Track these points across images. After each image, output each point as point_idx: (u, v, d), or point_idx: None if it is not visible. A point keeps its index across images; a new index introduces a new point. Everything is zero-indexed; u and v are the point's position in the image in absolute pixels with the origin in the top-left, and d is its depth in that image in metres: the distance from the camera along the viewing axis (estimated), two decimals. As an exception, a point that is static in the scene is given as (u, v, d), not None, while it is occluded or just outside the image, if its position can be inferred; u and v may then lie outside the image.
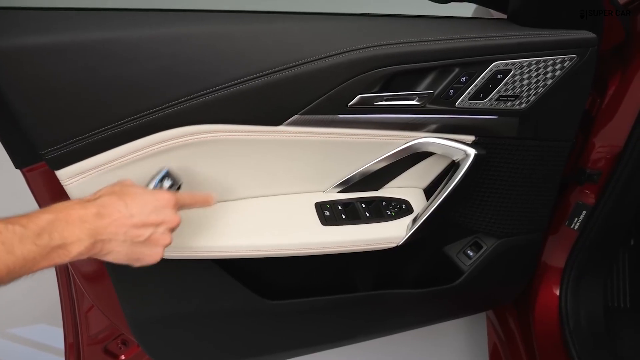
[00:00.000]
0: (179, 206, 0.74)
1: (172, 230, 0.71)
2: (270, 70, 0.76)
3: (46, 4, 0.75)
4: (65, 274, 1.14)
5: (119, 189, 0.68)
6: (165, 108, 0.75)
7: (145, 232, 0.67)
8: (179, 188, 0.80)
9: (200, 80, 0.75)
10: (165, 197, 0.71)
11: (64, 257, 0.59)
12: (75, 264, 1.00)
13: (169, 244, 0.71)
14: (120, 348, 1.25)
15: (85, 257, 0.62)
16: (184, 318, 1.00)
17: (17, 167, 0.84)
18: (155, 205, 0.69)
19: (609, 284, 1.35)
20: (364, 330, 1.20)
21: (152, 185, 0.77)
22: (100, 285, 1.00)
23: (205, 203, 0.80)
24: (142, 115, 0.74)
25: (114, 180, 0.77)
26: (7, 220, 0.55)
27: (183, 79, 0.75)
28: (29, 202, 0.96)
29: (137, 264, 0.70)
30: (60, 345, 1.27)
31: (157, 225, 0.68)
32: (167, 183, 0.78)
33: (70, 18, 0.74)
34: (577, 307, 1.22)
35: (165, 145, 0.78)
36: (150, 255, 0.70)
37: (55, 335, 1.76)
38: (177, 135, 0.77)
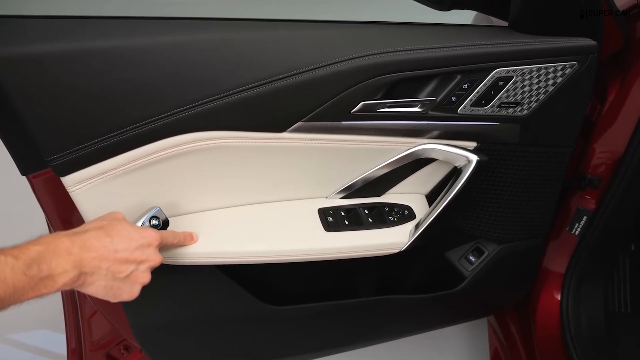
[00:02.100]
0: (163, 245, 0.76)
1: (152, 268, 0.73)
2: (274, 78, 0.77)
3: (53, 12, 0.76)
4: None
5: (107, 224, 0.69)
6: (169, 115, 0.75)
7: (128, 269, 0.69)
8: (165, 227, 0.82)
9: (205, 88, 0.76)
10: (151, 235, 0.73)
11: (50, 288, 0.60)
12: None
13: (147, 282, 0.73)
14: (123, 354, 1.25)
15: (69, 288, 0.64)
16: (188, 324, 1.00)
17: (22, 173, 0.84)
18: (141, 243, 0.71)
19: (609, 289, 1.35)
20: (366, 336, 1.20)
21: (140, 222, 0.78)
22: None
23: (186, 242, 0.84)
24: (147, 123, 0.75)
25: (118, 187, 0.78)
26: (0, 250, 0.57)
27: (187, 86, 0.75)
28: (32, 208, 0.96)
29: (113, 300, 0.71)
30: (62, 350, 1.27)
31: (139, 262, 0.70)
32: (154, 222, 0.80)
33: (77, 26, 0.75)
34: (578, 312, 1.22)
35: (170, 152, 0.78)
36: (127, 292, 0.71)
37: (56, 341, 1.76)
38: (182, 142, 0.78)
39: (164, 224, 0.81)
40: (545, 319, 1.24)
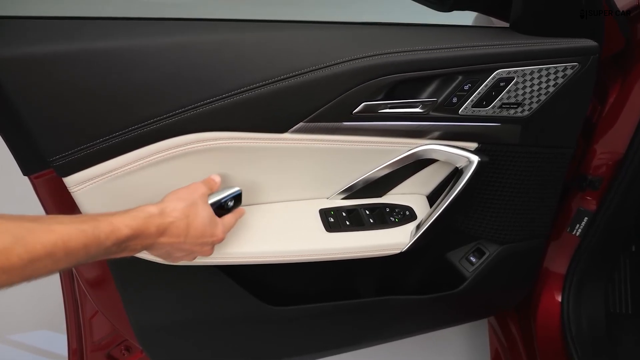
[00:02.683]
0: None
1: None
2: (275, 79, 0.77)
3: (55, 13, 0.76)
4: (70, 279, 1.15)
5: (192, 214, 0.73)
6: (171, 116, 0.75)
7: (181, 255, 0.76)
8: (233, 208, 0.85)
9: (207, 88, 0.76)
10: (218, 235, 0.78)
11: (113, 257, 0.66)
12: (80, 270, 1.00)
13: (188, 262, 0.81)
14: (124, 354, 1.25)
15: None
16: (189, 324, 1.00)
17: (25, 174, 0.84)
18: (207, 241, 0.76)
19: (610, 290, 1.35)
20: (367, 337, 1.20)
21: (218, 198, 0.81)
22: (105, 291, 1.01)
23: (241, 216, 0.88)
24: (149, 123, 0.75)
25: (120, 188, 0.78)
26: (95, 223, 0.61)
27: (189, 87, 0.75)
28: (34, 208, 0.96)
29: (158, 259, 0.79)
30: (62, 351, 1.27)
31: (193, 253, 0.77)
32: (230, 204, 0.83)
33: (78, 27, 0.75)
34: (579, 313, 1.22)
35: (172, 153, 0.78)
36: (169, 261, 0.79)
37: (57, 342, 1.76)
38: (184, 142, 0.78)
39: (235, 205, 0.85)
40: (545, 320, 1.24)
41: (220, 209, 0.81)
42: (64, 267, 0.58)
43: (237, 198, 0.84)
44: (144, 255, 0.84)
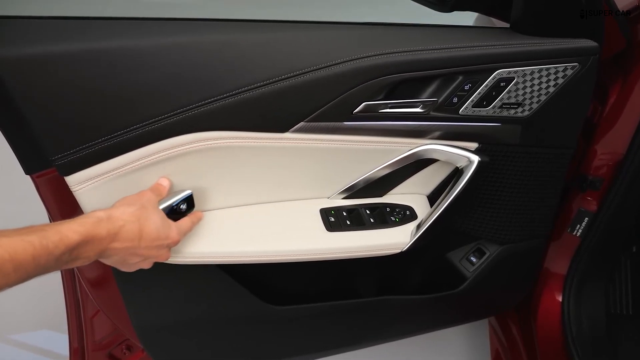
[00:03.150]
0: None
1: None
2: (276, 78, 0.78)
3: (56, 13, 0.77)
4: (71, 279, 1.15)
5: (143, 217, 0.72)
6: (173, 115, 0.76)
7: (137, 260, 0.74)
8: (187, 213, 0.84)
9: (208, 88, 0.76)
10: (173, 237, 0.77)
11: (69, 266, 0.65)
12: (81, 270, 1.01)
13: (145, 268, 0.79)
14: (125, 353, 1.25)
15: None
16: (190, 323, 1.00)
17: (27, 172, 0.84)
18: (162, 244, 0.75)
19: (611, 291, 1.35)
20: (367, 337, 1.20)
21: (169, 203, 0.80)
22: (107, 290, 1.01)
23: (198, 220, 0.87)
24: (151, 123, 0.75)
25: (122, 187, 0.79)
26: (42, 234, 0.59)
27: (191, 87, 0.76)
28: (35, 207, 0.97)
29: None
30: (63, 351, 1.27)
31: (149, 257, 0.76)
32: (183, 207, 0.83)
33: (80, 27, 0.76)
34: (580, 313, 1.22)
35: (173, 152, 0.79)
36: (126, 269, 0.77)
37: (58, 341, 1.76)
38: (185, 142, 0.78)
39: (189, 210, 0.84)
40: (546, 320, 1.24)
41: (173, 213, 0.81)
42: (14, 281, 0.57)
43: (189, 201, 0.84)
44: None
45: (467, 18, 1.17)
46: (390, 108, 0.85)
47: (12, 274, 0.55)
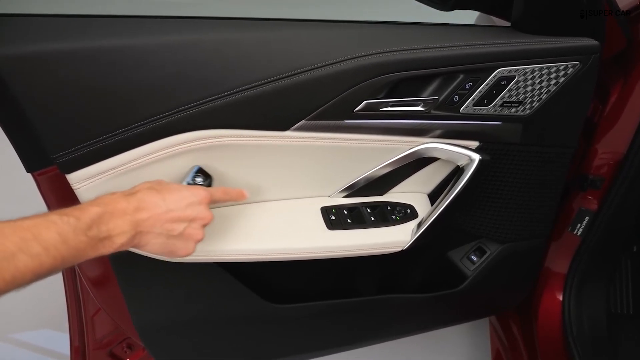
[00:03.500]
0: (213, 202, 0.77)
1: (204, 225, 0.74)
2: (277, 77, 0.78)
3: (58, 11, 0.77)
4: (72, 278, 1.15)
5: (156, 184, 0.71)
6: (174, 113, 0.76)
7: (180, 227, 0.70)
8: (209, 184, 0.83)
9: (209, 86, 0.76)
10: (201, 193, 0.74)
11: (109, 248, 0.63)
12: (82, 268, 1.01)
13: (201, 239, 0.74)
14: (126, 352, 1.25)
15: (126, 248, 0.66)
16: (191, 322, 1.00)
17: (28, 170, 0.85)
18: (191, 201, 0.72)
19: (611, 290, 1.35)
20: (367, 335, 1.20)
21: (185, 182, 0.80)
22: (108, 289, 1.01)
23: (238, 198, 0.83)
24: (152, 120, 0.75)
25: (123, 184, 0.79)
26: (62, 211, 0.58)
27: (192, 85, 0.76)
28: (36, 205, 0.97)
29: (170, 257, 0.74)
30: (64, 350, 1.28)
31: (191, 220, 0.72)
32: (199, 179, 0.81)
33: (82, 25, 0.76)
34: (580, 313, 1.22)
35: (174, 150, 0.79)
36: (182, 249, 0.73)
37: (59, 340, 1.77)
38: (186, 140, 0.78)
39: (209, 181, 0.83)
40: (547, 320, 1.24)
41: None
42: (50, 265, 0.55)
43: (203, 173, 0.82)
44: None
45: (468, 17, 1.17)
46: (391, 106, 0.85)
47: (43, 255, 0.54)
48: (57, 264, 0.56)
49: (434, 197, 1.02)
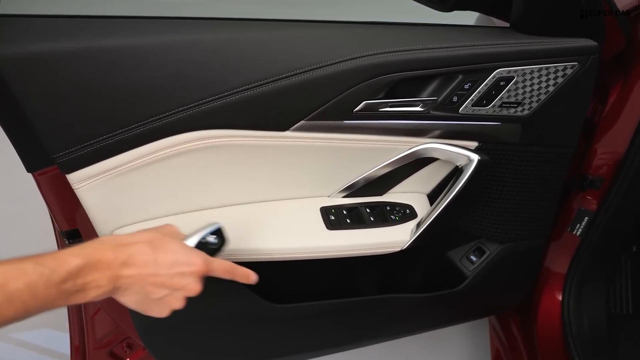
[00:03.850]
0: (209, 275, 0.71)
1: (187, 296, 0.70)
2: (277, 77, 0.78)
3: (58, 12, 0.77)
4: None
5: (157, 239, 0.66)
6: (174, 114, 0.76)
7: (161, 292, 0.66)
8: (220, 248, 0.77)
9: (208, 87, 0.76)
10: (198, 264, 0.68)
11: (81, 300, 0.59)
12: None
13: (179, 308, 0.70)
14: (126, 351, 1.25)
15: (98, 299, 0.62)
16: (191, 321, 1.00)
17: (28, 170, 0.85)
18: (183, 270, 0.66)
19: (611, 290, 1.35)
20: (367, 335, 1.20)
21: (195, 238, 0.73)
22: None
23: (242, 280, 0.76)
24: (152, 121, 0.76)
25: (123, 184, 0.79)
26: (38, 260, 0.55)
27: (191, 86, 0.76)
28: (36, 205, 0.97)
29: (142, 312, 0.69)
30: (65, 349, 1.28)
31: (175, 289, 0.67)
32: (211, 239, 0.75)
33: (82, 25, 0.76)
34: (580, 313, 1.22)
35: (174, 150, 0.79)
36: (156, 312, 0.69)
37: (59, 340, 1.77)
38: (185, 140, 0.78)
39: (221, 244, 0.77)
40: (546, 320, 1.24)
41: (202, 249, 0.73)
42: (11, 315, 0.52)
43: (219, 234, 0.76)
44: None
45: (468, 17, 1.17)
46: (391, 107, 0.85)
47: (4, 306, 0.51)
48: (20, 315, 0.53)
49: (433, 197, 1.03)
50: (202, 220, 0.88)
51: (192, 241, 0.73)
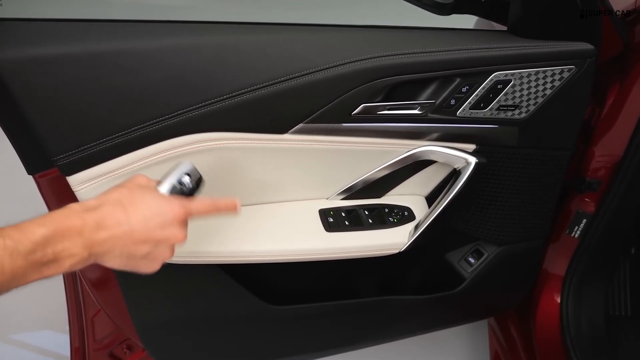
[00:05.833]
0: (193, 217, 0.68)
1: (174, 245, 0.66)
2: (276, 80, 0.78)
3: (58, 16, 0.78)
4: (72, 279, 1.16)
5: (127, 196, 0.62)
6: (173, 116, 0.76)
7: (144, 248, 0.62)
8: (197, 188, 0.73)
9: (208, 90, 0.77)
10: (175, 210, 0.64)
11: (56, 271, 0.56)
12: (82, 269, 1.01)
13: (169, 258, 0.67)
14: (126, 353, 1.26)
15: (79, 268, 0.59)
16: (191, 323, 1.01)
17: (29, 173, 0.85)
18: (162, 220, 0.63)
19: (609, 292, 1.35)
20: (365, 337, 1.21)
21: (168, 183, 0.69)
22: (108, 290, 1.02)
23: (228, 210, 0.72)
24: (152, 124, 0.76)
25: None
26: (1, 234, 0.52)
27: (191, 88, 0.77)
28: (37, 207, 0.98)
29: (132, 271, 0.66)
30: (65, 351, 1.28)
31: (158, 242, 0.63)
32: (186, 181, 0.70)
33: (82, 29, 0.77)
34: (579, 315, 1.22)
35: (174, 153, 0.79)
36: (145, 268, 0.66)
37: (59, 341, 1.77)
38: (185, 142, 0.79)
39: (196, 185, 0.72)
40: (545, 321, 1.25)
41: (179, 193, 0.69)
42: None
43: (192, 174, 0.71)
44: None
45: (467, 21, 1.18)
46: (389, 110, 0.86)
47: None
48: None
49: (431, 199, 1.03)
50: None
51: (165, 187, 0.68)
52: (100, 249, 0.59)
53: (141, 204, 0.62)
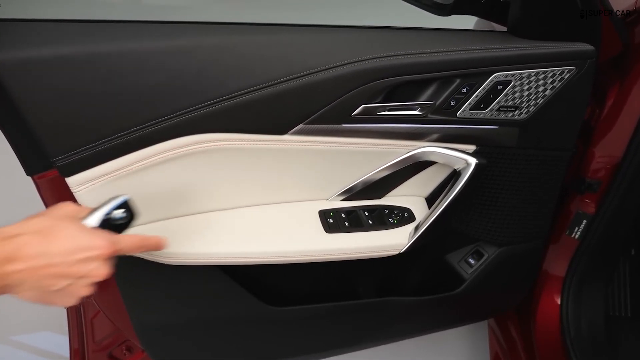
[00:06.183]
0: (120, 254, 0.65)
1: (95, 282, 0.62)
2: (275, 81, 0.78)
3: (58, 17, 0.78)
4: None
5: (48, 226, 0.59)
6: (172, 117, 0.76)
7: (61, 283, 0.59)
8: (129, 223, 0.70)
9: (207, 91, 0.77)
10: (100, 245, 0.61)
11: None
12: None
13: (88, 294, 0.62)
14: (125, 354, 1.25)
15: None
16: (190, 324, 1.01)
17: (28, 173, 0.85)
18: (85, 255, 0.59)
19: (609, 293, 1.35)
20: (366, 338, 1.21)
21: (98, 215, 0.66)
22: (108, 291, 1.01)
23: (154, 248, 0.72)
24: (151, 124, 0.76)
25: (122, 188, 0.79)
26: None
27: (190, 89, 0.76)
28: (36, 208, 0.97)
29: (46, 305, 0.62)
30: (64, 352, 1.28)
31: (77, 277, 0.59)
32: (118, 214, 0.68)
33: (80, 30, 0.77)
34: (578, 316, 1.22)
35: (173, 154, 0.79)
36: (61, 303, 0.62)
37: (59, 343, 1.77)
38: (184, 143, 0.79)
39: (130, 218, 0.70)
40: (545, 322, 1.25)
41: (109, 227, 0.66)
42: None
43: (127, 207, 0.68)
44: (145, 255, 0.85)
45: (467, 21, 1.18)
46: (389, 110, 0.85)
47: None
48: None
49: (431, 200, 1.03)
50: (198, 224, 0.89)
51: (94, 220, 0.65)
52: (13, 280, 0.55)
53: (64, 236, 0.59)
